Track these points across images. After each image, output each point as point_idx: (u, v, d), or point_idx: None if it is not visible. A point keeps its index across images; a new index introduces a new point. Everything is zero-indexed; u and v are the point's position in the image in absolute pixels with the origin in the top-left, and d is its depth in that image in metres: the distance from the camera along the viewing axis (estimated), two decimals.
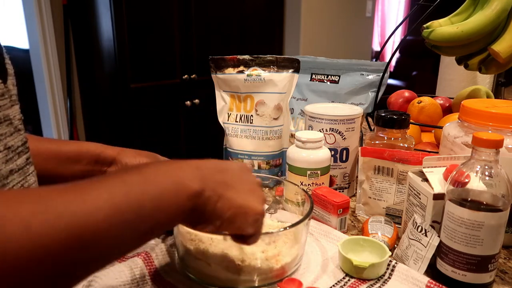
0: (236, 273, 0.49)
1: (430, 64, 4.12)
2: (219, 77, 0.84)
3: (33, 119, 2.35)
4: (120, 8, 1.90)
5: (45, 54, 2.15)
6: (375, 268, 0.52)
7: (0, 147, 0.36)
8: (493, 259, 0.49)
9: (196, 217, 0.38)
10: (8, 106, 0.37)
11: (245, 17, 2.46)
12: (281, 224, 0.63)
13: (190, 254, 0.51)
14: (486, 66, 0.84)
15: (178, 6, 2.11)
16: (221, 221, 0.40)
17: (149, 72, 2.09)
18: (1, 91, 0.36)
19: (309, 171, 0.69)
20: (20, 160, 0.39)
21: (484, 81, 1.19)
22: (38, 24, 2.10)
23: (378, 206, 0.69)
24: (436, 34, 0.81)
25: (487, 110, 0.59)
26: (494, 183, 0.47)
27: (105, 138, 2.24)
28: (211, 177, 0.39)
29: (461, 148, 0.62)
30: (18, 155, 0.38)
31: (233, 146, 0.84)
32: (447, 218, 0.50)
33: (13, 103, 0.38)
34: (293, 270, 0.53)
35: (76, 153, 0.59)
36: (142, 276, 0.51)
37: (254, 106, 0.82)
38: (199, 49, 2.24)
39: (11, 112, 0.37)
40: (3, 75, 0.37)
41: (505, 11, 0.78)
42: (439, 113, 0.93)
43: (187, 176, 0.37)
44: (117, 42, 1.94)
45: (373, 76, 0.85)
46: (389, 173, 0.67)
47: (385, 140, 0.71)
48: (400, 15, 5.13)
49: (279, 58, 0.82)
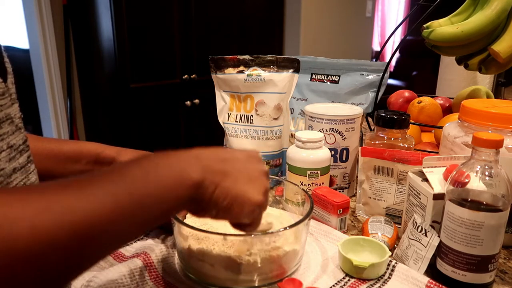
0: (236, 273, 0.49)
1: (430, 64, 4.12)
2: (219, 77, 0.84)
3: (33, 119, 2.35)
4: (120, 8, 1.90)
5: (45, 54, 2.15)
6: (375, 268, 0.51)
7: (3, 146, 0.36)
8: (493, 259, 0.49)
9: (195, 205, 0.39)
10: (9, 105, 0.37)
11: (245, 17, 2.46)
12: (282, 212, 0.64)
13: (190, 254, 0.51)
14: (486, 66, 0.84)
15: (178, 6, 2.11)
16: (217, 210, 0.40)
17: (149, 72, 2.09)
18: (1, 90, 0.36)
19: (309, 171, 0.69)
20: (22, 159, 0.39)
21: (484, 81, 1.19)
22: (38, 24, 2.10)
23: (378, 206, 0.69)
24: (436, 34, 0.81)
25: (487, 110, 0.59)
26: (494, 183, 0.47)
27: (105, 138, 2.24)
28: (211, 166, 0.39)
29: (461, 148, 0.62)
30: (20, 154, 0.39)
31: (233, 146, 0.84)
32: (447, 218, 0.50)
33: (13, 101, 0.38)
34: (293, 270, 0.53)
35: (76, 152, 0.59)
36: (142, 276, 0.51)
37: (254, 106, 0.82)
38: (199, 49, 2.24)
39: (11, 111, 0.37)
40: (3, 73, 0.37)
41: (505, 11, 0.78)
42: (439, 113, 0.93)
43: (187, 167, 0.37)
44: (117, 42, 1.94)
45: (373, 76, 0.85)
46: (389, 173, 0.67)
47: (385, 140, 0.71)
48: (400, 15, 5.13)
49: (279, 58, 0.82)
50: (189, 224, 0.50)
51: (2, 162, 0.36)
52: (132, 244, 0.59)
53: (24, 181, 0.39)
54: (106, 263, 0.55)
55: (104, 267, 0.53)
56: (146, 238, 0.61)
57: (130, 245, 0.59)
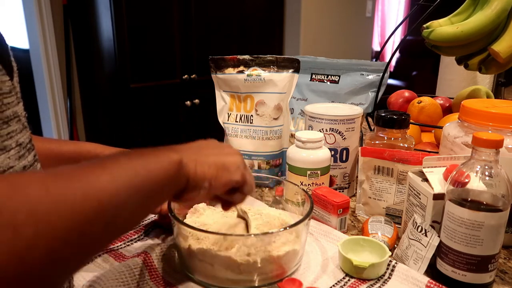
0: (236, 273, 0.49)
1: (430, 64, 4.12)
2: (219, 77, 0.84)
3: (33, 119, 2.35)
4: (120, 8, 1.90)
5: (45, 54, 2.15)
6: (375, 268, 0.52)
7: (12, 144, 0.36)
8: (493, 259, 0.49)
9: (184, 184, 0.41)
10: (16, 103, 0.37)
11: (245, 17, 2.46)
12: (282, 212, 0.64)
13: (190, 254, 0.51)
14: (486, 66, 0.84)
15: (178, 6, 2.11)
16: (208, 181, 0.42)
17: (149, 72, 2.09)
18: (9, 88, 0.36)
19: (309, 171, 0.69)
20: (30, 157, 0.39)
21: (484, 81, 1.19)
22: (38, 24, 2.10)
23: (378, 206, 0.69)
24: (436, 34, 0.81)
25: (487, 110, 0.59)
26: (494, 183, 0.47)
27: (105, 138, 2.24)
28: (186, 149, 0.43)
29: (461, 148, 0.62)
30: (28, 152, 0.39)
31: (233, 146, 0.84)
32: (447, 218, 0.50)
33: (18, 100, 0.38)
34: (293, 270, 0.53)
35: (76, 153, 0.59)
36: (142, 276, 0.51)
37: (254, 106, 0.82)
38: (199, 49, 2.24)
39: (18, 109, 0.37)
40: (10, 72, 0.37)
41: (505, 11, 0.78)
42: (439, 113, 0.93)
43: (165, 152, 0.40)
44: (117, 42, 1.94)
45: (373, 76, 0.85)
46: (389, 173, 0.67)
47: (385, 140, 0.71)
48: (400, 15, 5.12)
49: (279, 58, 0.82)
50: (189, 224, 0.50)
51: (12, 160, 0.36)
52: (132, 244, 0.59)
53: None
54: (107, 263, 0.55)
55: (105, 267, 0.53)
56: (146, 238, 0.61)
57: (131, 245, 0.59)
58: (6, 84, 0.35)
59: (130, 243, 0.59)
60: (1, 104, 0.34)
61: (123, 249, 0.58)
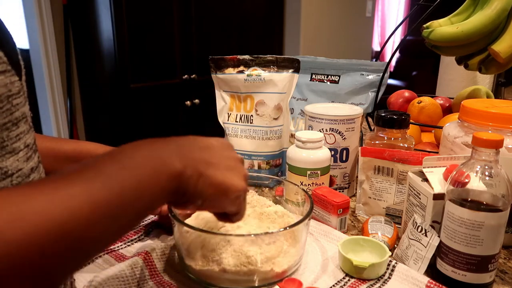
0: (236, 273, 0.49)
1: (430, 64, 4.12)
2: (219, 77, 0.84)
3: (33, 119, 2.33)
4: (120, 8, 1.90)
5: (45, 54, 2.15)
6: (375, 268, 0.52)
7: (20, 145, 0.35)
8: (493, 259, 0.49)
9: (179, 196, 0.37)
10: (24, 103, 0.36)
11: (245, 17, 2.46)
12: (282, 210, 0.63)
13: (190, 254, 0.51)
14: (486, 66, 0.84)
15: (178, 6, 2.11)
16: (203, 200, 0.39)
17: (149, 72, 2.09)
18: (18, 89, 0.35)
19: (309, 171, 0.69)
20: (36, 158, 0.38)
21: (484, 81, 1.19)
22: (38, 24, 2.10)
23: (378, 206, 0.69)
24: (436, 34, 0.81)
25: (487, 110, 0.59)
26: (494, 183, 0.47)
27: (105, 138, 2.24)
28: (192, 155, 0.38)
29: (461, 148, 0.62)
30: (34, 153, 0.38)
31: (233, 146, 0.84)
32: (447, 218, 0.50)
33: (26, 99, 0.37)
34: (293, 270, 0.53)
35: (75, 152, 0.59)
36: (142, 275, 0.51)
37: (254, 106, 0.82)
38: (199, 49, 2.24)
39: (26, 110, 0.36)
40: (19, 71, 0.36)
41: (505, 11, 0.78)
42: (439, 113, 0.93)
43: (167, 155, 0.36)
44: (117, 42, 1.94)
45: (373, 76, 0.85)
46: (389, 173, 0.67)
47: (385, 140, 0.71)
48: (400, 15, 5.12)
49: (279, 58, 0.82)
50: (189, 224, 0.50)
51: (20, 162, 0.35)
52: (133, 244, 0.59)
53: None
54: (107, 264, 0.55)
55: (105, 268, 0.53)
56: (146, 238, 0.61)
57: (131, 246, 0.59)
58: (15, 85, 0.34)
59: (130, 244, 0.59)
60: (11, 106, 0.33)
61: (124, 249, 0.58)
